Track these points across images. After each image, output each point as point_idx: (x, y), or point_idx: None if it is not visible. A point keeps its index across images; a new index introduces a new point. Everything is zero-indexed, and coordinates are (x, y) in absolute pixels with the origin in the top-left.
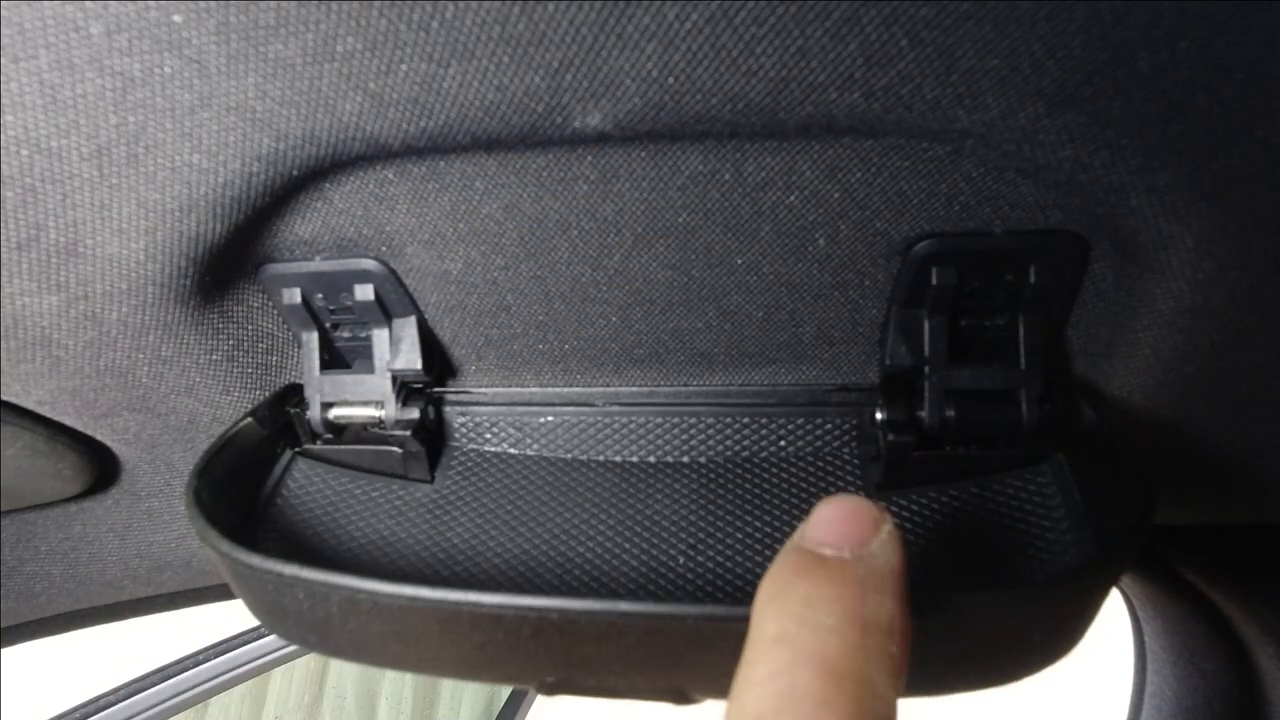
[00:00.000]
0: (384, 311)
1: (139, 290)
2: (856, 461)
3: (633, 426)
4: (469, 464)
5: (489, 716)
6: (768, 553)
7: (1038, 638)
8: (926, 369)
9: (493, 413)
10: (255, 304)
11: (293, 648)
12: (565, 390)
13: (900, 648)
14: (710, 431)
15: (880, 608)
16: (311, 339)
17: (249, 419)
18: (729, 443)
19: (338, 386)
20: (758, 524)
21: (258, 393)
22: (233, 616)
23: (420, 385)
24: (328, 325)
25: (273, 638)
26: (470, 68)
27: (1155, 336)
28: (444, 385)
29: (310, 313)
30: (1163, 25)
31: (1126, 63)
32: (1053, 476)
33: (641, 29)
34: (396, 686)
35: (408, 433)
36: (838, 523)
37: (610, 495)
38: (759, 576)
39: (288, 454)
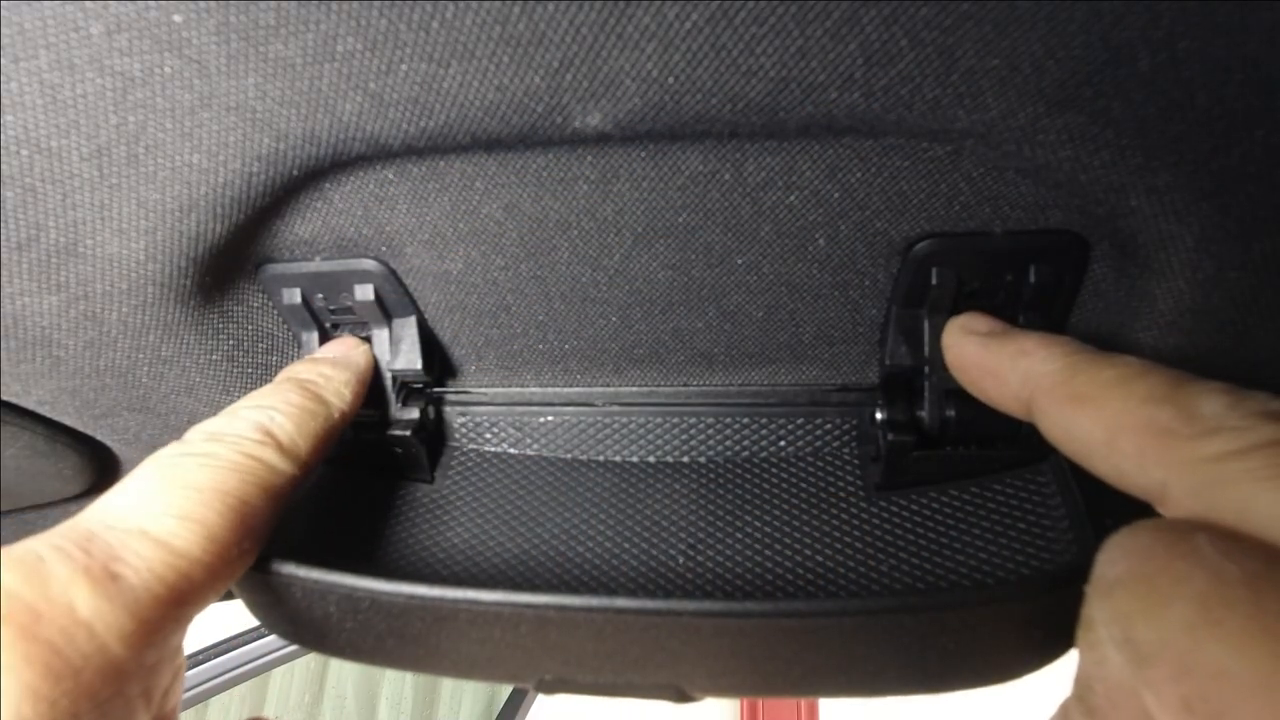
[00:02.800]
0: (384, 311)
1: (139, 290)
2: (856, 461)
3: (633, 426)
4: (469, 464)
5: (489, 716)
6: (768, 552)
7: (1037, 635)
8: (926, 369)
9: (493, 413)
10: (255, 304)
11: (293, 648)
12: (565, 390)
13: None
14: (710, 431)
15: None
16: (311, 339)
17: None
18: (729, 443)
19: None
20: (758, 524)
21: None
22: (233, 616)
23: (420, 385)
24: (328, 325)
25: (273, 638)
26: (470, 68)
27: (1155, 336)
28: (444, 385)
29: (310, 313)
30: (1163, 25)
31: (1126, 63)
32: (1053, 476)
33: (641, 29)
34: (396, 686)
35: (408, 433)
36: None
37: (610, 495)
38: (759, 576)
39: None
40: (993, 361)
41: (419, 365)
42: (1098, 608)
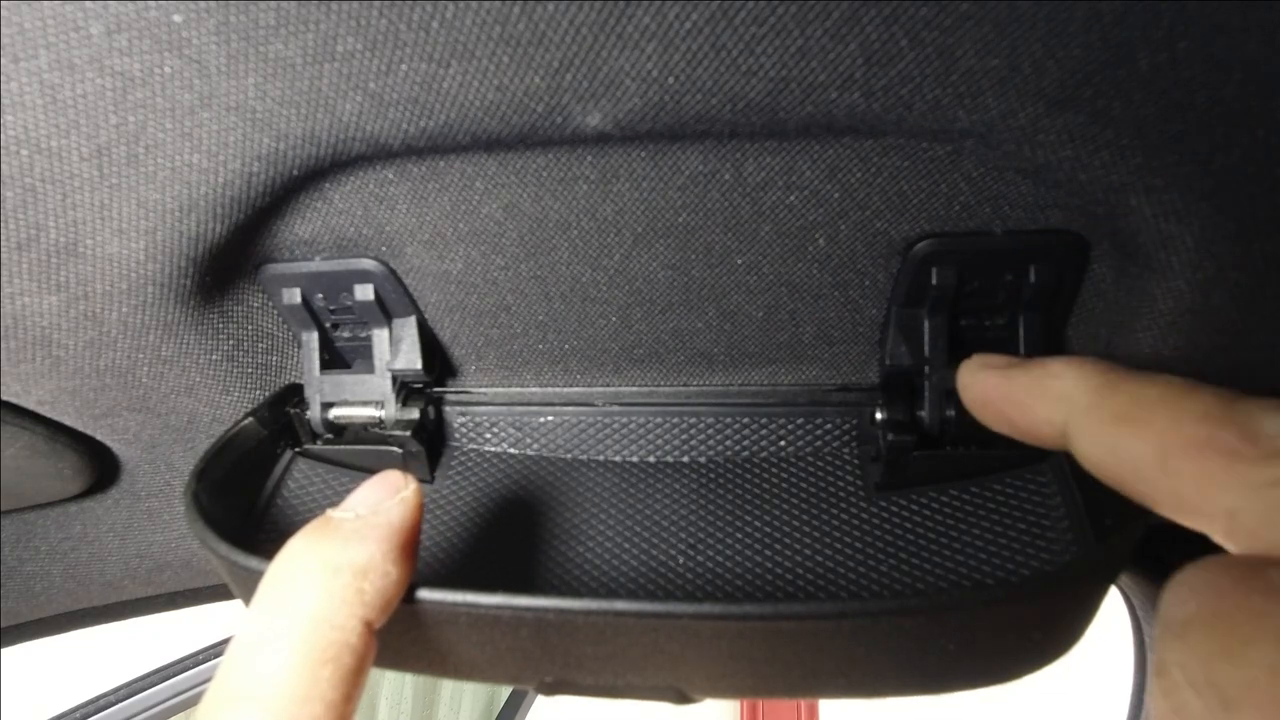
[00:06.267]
0: (384, 311)
1: (139, 290)
2: (856, 461)
3: (633, 426)
4: (469, 464)
5: (489, 717)
6: (768, 552)
7: (1037, 635)
8: (926, 369)
9: (493, 413)
10: (255, 304)
11: None
12: (565, 390)
13: (373, 585)
14: (710, 431)
15: (359, 553)
16: (311, 339)
17: (249, 419)
18: (729, 443)
19: (338, 386)
20: (758, 524)
21: (258, 393)
22: (231, 618)
23: (420, 385)
24: (328, 325)
25: None
26: (470, 68)
27: (1155, 336)
28: (444, 385)
29: (310, 313)
30: (1163, 25)
31: (1126, 63)
32: (1053, 476)
33: (641, 29)
34: (396, 686)
35: (408, 433)
36: (364, 490)
37: (610, 495)
38: (759, 576)
39: (288, 454)
40: (1019, 390)
41: (419, 365)
42: (1171, 650)
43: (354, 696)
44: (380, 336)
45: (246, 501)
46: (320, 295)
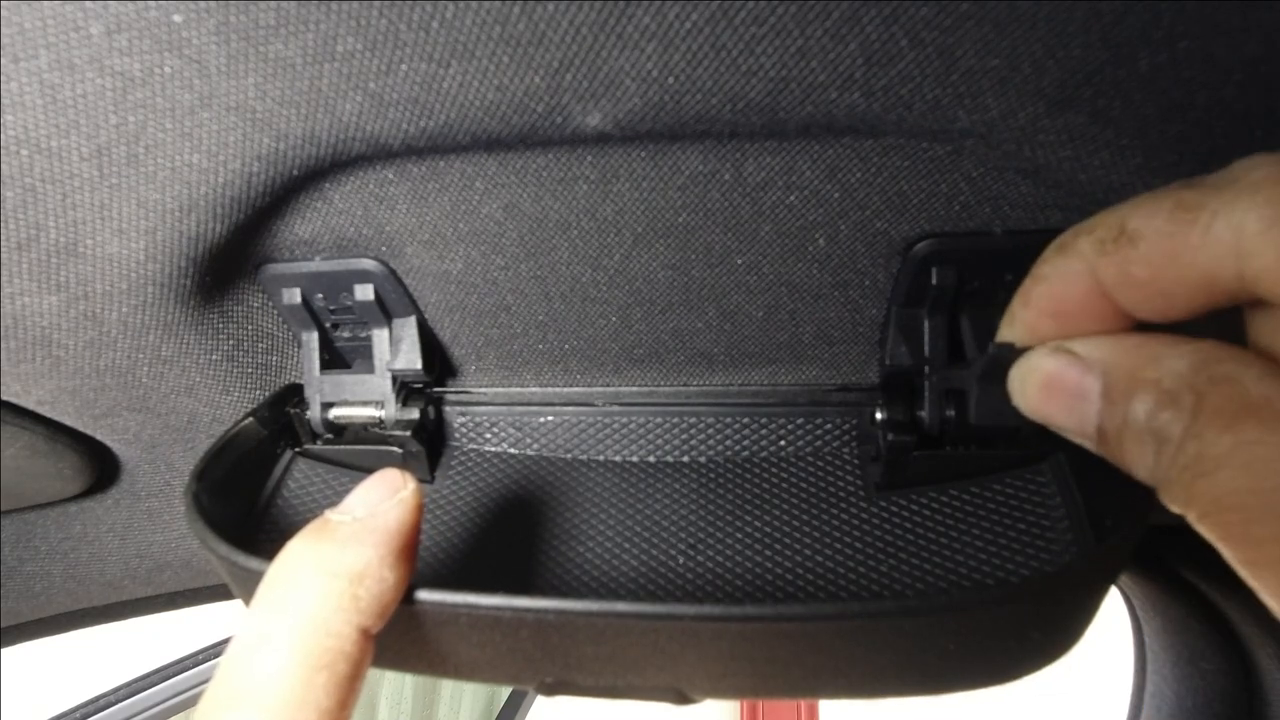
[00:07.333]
0: (384, 311)
1: (139, 290)
2: (856, 461)
3: (633, 426)
4: (469, 464)
5: (489, 717)
6: (768, 552)
7: (1036, 635)
8: (926, 369)
9: (493, 413)
10: (255, 304)
11: None
12: (565, 390)
13: (369, 591)
14: (710, 431)
15: (356, 558)
16: (311, 339)
17: (249, 419)
18: (729, 443)
19: (338, 386)
20: (758, 524)
21: (258, 393)
22: (230, 619)
23: (420, 385)
24: (328, 325)
25: None
26: (470, 68)
27: None
28: (444, 385)
29: (310, 313)
30: (1163, 25)
31: (1126, 63)
32: (1053, 476)
33: (641, 29)
34: (396, 686)
35: (408, 433)
36: (363, 490)
37: (610, 495)
38: (759, 576)
39: (288, 454)
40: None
41: (419, 365)
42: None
43: (349, 703)
44: (380, 336)
45: (246, 502)
46: (320, 295)
